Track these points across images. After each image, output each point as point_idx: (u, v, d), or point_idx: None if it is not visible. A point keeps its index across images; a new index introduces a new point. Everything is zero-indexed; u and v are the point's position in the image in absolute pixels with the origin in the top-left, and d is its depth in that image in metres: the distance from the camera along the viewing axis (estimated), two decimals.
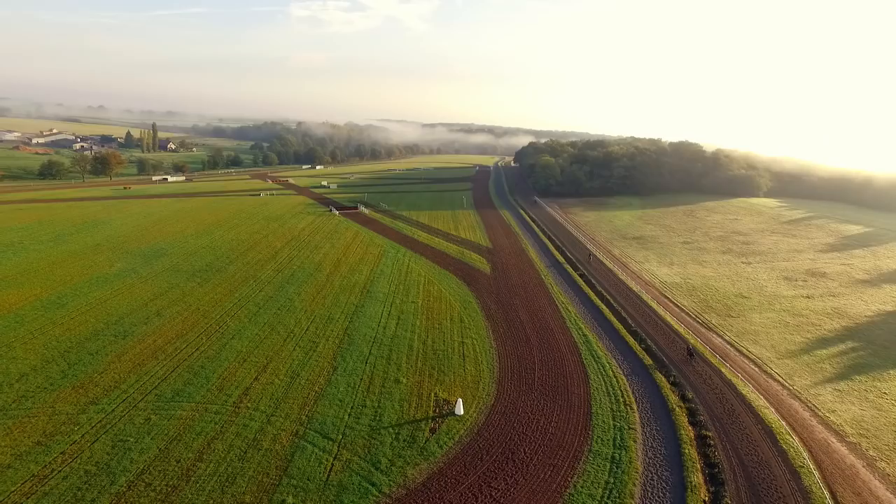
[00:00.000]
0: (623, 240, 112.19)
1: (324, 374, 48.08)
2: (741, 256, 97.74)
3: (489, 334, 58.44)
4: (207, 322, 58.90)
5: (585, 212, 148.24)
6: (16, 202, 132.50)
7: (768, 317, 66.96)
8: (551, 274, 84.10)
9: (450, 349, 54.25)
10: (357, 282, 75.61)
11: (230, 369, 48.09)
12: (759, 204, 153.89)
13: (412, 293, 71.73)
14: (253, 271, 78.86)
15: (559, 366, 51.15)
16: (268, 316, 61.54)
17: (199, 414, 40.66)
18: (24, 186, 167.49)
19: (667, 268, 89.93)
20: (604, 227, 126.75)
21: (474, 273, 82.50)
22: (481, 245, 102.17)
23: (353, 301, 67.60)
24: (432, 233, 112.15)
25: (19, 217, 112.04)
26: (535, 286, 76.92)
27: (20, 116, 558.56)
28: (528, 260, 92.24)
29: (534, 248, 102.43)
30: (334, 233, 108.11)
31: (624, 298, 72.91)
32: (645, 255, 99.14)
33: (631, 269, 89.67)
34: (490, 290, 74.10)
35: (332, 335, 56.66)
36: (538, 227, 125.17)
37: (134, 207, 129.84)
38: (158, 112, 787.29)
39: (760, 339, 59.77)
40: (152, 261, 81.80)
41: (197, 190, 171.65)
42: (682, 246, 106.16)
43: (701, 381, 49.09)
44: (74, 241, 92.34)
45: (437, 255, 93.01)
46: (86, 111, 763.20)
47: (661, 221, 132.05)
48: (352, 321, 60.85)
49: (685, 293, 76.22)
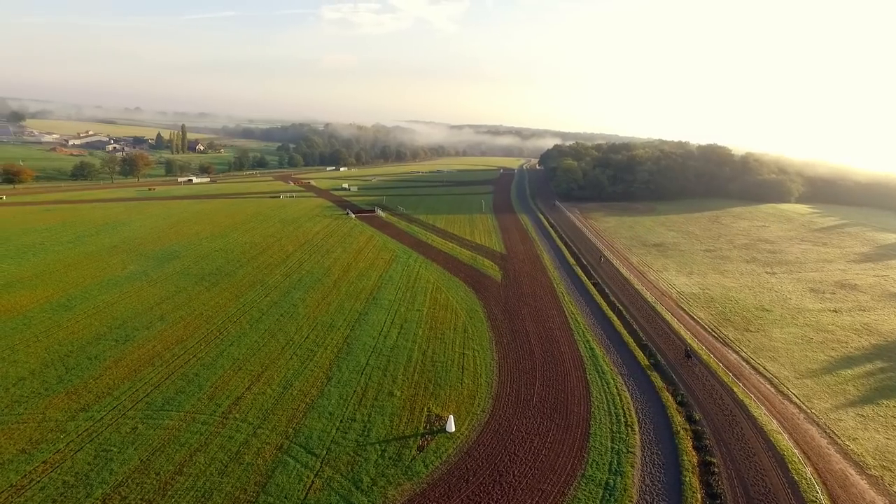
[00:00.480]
0: (642, 247, 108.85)
1: (317, 384, 47.21)
2: (766, 266, 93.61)
3: (492, 346, 56.78)
4: (209, 327, 58.80)
5: (606, 217, 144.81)
6: (45, 203, 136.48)
7: (790, 332, 63.50)
8: (564, 282, 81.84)
9: (449, 361, 52.81)
10: (364, 288, 74.81)
11: (224, 377, 47.65)
12: (790, 210, 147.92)
13: (418, 301, 70.52)
14: (261, 276, 78.87)
15: (561, 381, 49.19)
16: (270, 322, 61.15)
17: (186, 424, 40.18)
18: (56, 187, 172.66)
19: (685, 277, 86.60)
20: (624, 233, 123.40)
21: (484, 280, 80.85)
22: (495, 251, 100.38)
23: (357, 308, 66.76)
24: (447, 238, 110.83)
25: (45, 218, 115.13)
26: (546, 295, 74.83)
27: (61, 118, 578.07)
28: (541, 267, 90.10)
29: (549, 254, 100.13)
30: (348, 237, 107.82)
31: (637, 309, 70.26)
32: (664, 263, 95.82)
33: (648, 277, 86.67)
34: (498, 299, 72.37)
35: (331, 344, 55.85)
36: (556, 232, 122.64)
37: (155, 209, 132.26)
38: (191, 113, 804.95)
39: (779, 357, 56.57)
40: (164, 263, 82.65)
41: (219, 191, 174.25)
42: (704, 254, 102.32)
43: (710, 402, 46.49)
44: (93, 242, 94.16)
45: (449, 260, 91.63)
46: (122, 113, 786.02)
47: (683, 228, 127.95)
48: (353, 329, 59.95)
49: (702, 305, 73.06)
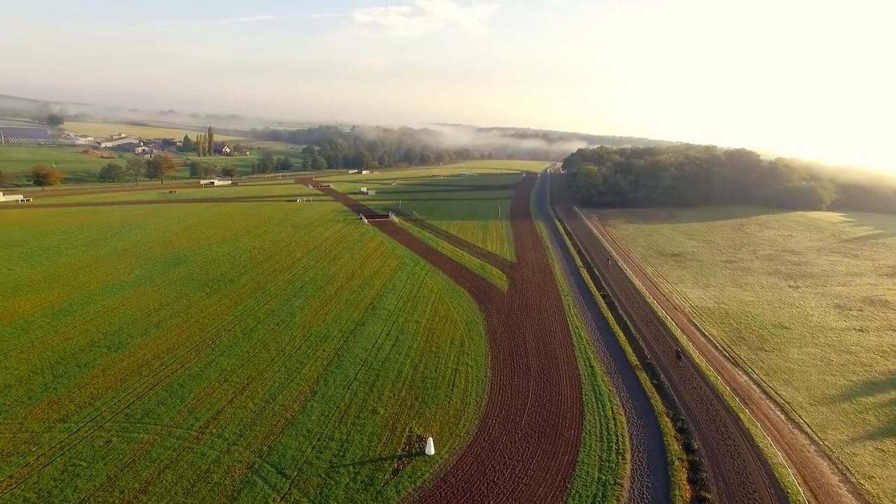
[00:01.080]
0: (659, 256, 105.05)
1: (301, 399, 46.02)
2: (789, 279, 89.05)
3: (487, 361, 54.76)
4: (203, 336, 58.32)
5: (625, 224, 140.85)
6: (69, 205, 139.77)
7: (808, 352, 59.69)
8: (572, 293, 79.20)
9: (440, 377, 51.03)
10: (365, 297, 73.60)
11: (209, 389, 46.87)
12: (820, 219, 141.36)
13: (418, 311, 68.93)
14: (264, 282, 78.45)
15: (555, 402, 46.91)
16: (264, 332, 60.38)
17: (161, 438, 39.39)
18: (82, 189, 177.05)
19: (701, 290, 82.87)
20: (642, 241, 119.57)
21: (490, 290, 78.78)
22: (505, 260, 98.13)
23: (354, 318, 65.53)
24: (458, 245, 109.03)
25: (66, 220, 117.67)
26: (551, 307, 72.37)
27: (98, 121, 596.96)
28: (550, 277, 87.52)
29: (560, 263, 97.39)
30: (357, 242, 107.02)
31: (645, 325, 67.23)
32: (680, 274, 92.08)
33: (661, 290, 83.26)
34: (501, 311, 70.25)
35: (322, 356, 54.68)
36: (571, 240, 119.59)
37: (172, 212, 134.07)
38: (222, 115, 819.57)
39: (794, 380, 53.04)
40: (170, 268, 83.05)
41: (238, 194, 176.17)
42: (724, 265, 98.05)
43: (712, 429, 43.58)
44: (106, 245, 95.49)
45: (457, 269, 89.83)
46: (156, 115, 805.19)
47: (705, 236, 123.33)
48: (347, 341, 58.70)
49: (716, 321, 69.52)
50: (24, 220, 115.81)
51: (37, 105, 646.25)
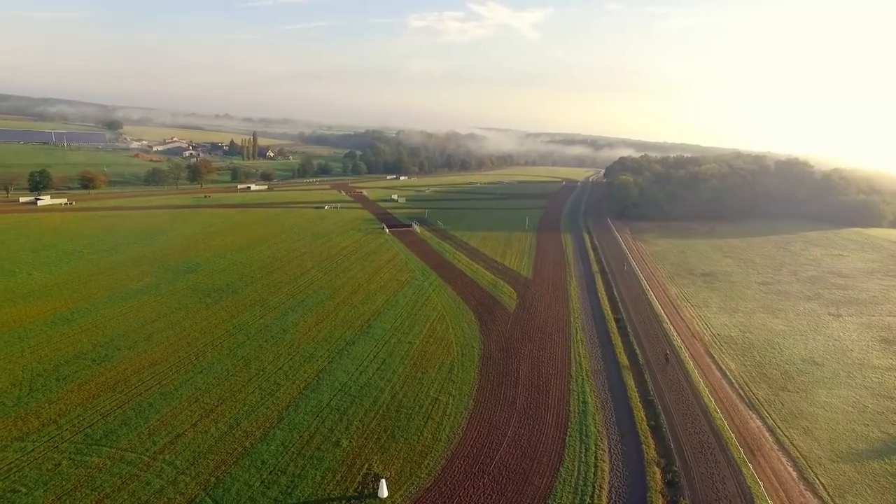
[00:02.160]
0: (688, 276, 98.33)
1: (266, 425, 44.11)
2: (830, 305, 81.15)
3: (472, 391, 51.41)
4: (189, 351, 57.56)
5: (658, 239, 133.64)
6: (105, 209, 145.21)
7: (840, 395, 53.24)
8: (584, 315, 74.59)
9: (417, 407, 48.09)
10: (363, 313, 71.51)
11: (176, 410, 45.66)
12: (878, 236, 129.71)
13: (415, 331, 66.22)
14: (267, 294, 77.69)
15: (534, 442, 43.10)
16: (251, 348, 59.13)
17: (111, 463, 38.19)
18: (123, 193, 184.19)
19: (727, 316, 76.40)
20: (672, 258, 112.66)
21: (496, 310, 75.22)
22: (520, 276, 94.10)
23: (347, 337, 63.47)
24: (475, 258, 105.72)
25: (97, 224, 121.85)
26: (557, 331, 68.12)
27: (157, 125, 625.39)
28: (564, 296, 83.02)
29: (578, 281, 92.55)
30: (372, 253, 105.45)
31: (656, 356, 61.98)
32: (707, 297, 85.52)
33: (683, 314, 77.34)
34: (502, 333, 66.60)
35: (301, 377, 52.76)
36: (596, 255, 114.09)
37: (199, 217, 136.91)
38: (275, 119, 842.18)
39: (816, 428, 47.08)
40: (180, 277, 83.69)
41: (269, 200, 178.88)
42: (758, 287, 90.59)
43: (708, 485, 38.72)
44: (125, 251, 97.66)
45: (467, 285, 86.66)
46: (213, 120, 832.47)
47: (742, 254, 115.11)
48: (332, 362, 56.63)
49: (737, 352, 63.46)
50: (60, 224, 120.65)
51: (105, 110, 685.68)
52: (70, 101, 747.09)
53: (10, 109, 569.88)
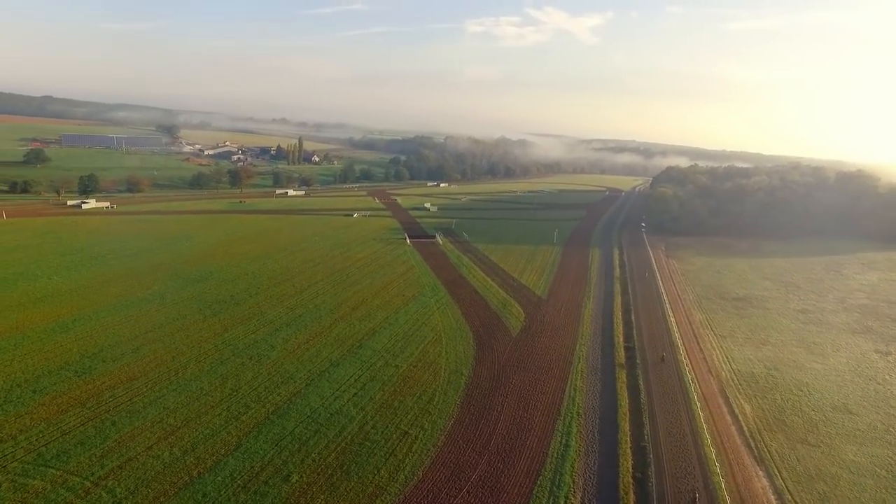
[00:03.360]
0: (718, 300, 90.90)
1: (221, 452, 42.42)
2: (880, 341, 72.61)
3: (447, 425, 48.07)
4: (172, 365, 56.99)
5: (695, 256, 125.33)
6: (143, 213, 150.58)
7: (873, 454, 46.52)
8: (591, 342, 69.64)
9: (384, 440, 45.26)
10: (358, 331, 69.39)
11: (136, 430, 44.72)
12: None
13: (406, 353, 63.44)
14: (267, 307, 76.91)
15: (497, 491, 39.36)
16: (233, 365, 57.99)
17: (51, 487, 37.36)
18: (164, 196, 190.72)
19: (753, 348, 69.47)
20: (705, 279, 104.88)
21: (498, 333, 71.43)
22: (534, 295, 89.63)
23: (333, 357, 61.46)
24: (491, 273, 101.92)
25: (128, 229, 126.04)
26: (558, 359, 63.66)
27: (215, 129, 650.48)
28: (575, 320, 78.13)
29: (596, 302, 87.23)
30: (387, 266, 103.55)
31: (662, 392, 56.60)
32: (734, 325, 78.44)
33: (703, 344, 70.96)
34: (498, 359, 62.82)
35: (273, 400, 51.00)
36: (622, 273, 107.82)
37: (228, 223, 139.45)
38: (329, 124, 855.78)
39: (835, 495, 40.95)
40: (188, 286, 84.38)
41: (301, 206, 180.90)
42: (795, 316, 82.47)
43: None
44: (146, 257, 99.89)
45: (475, 303, 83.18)
46: (269, 124, 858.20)
47: (785, 276, 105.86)
48: (310, 384, 54.67)
49: (756, 393, 57.09)
50: (95, 227, 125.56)
51: (168, 114, 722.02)
52: (139, 105, 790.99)
53: (84, 115, 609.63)
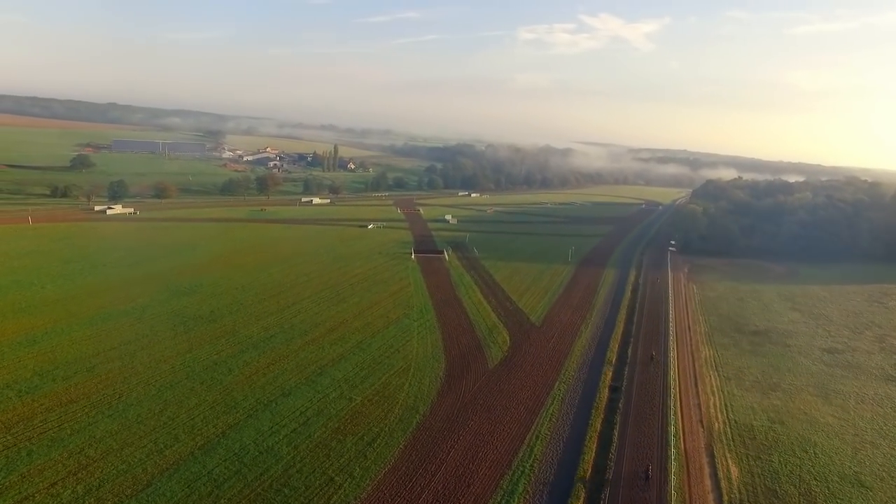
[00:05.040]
0: (733, 333, 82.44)
1: (125, 493, 39.41)
2: None
3: (380, 473, 43.59)
4: (119, 387, 55.00)
5: (719, 280, 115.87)
6: (163, 220, 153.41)
7: None
8: (572, 380, 63.50)
9: (304, 487, 41.24)
10: (325, 357, 65.89)
11: (49, 462, 42.43)
12: None
13: (366, 384, 59.40)
14: (243, 325, 74.57)
15: None
16: (181, 390, 55.50)
17: None
18: (190, 203, 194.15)
19: (759, 394, 61.58)
20: (725, 307, 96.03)
21: (474, 364, 66.33)
22: (528, 321, 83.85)
23: (288, 385, 58.09)
24: (490, 295, 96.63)
25: (142, 236, 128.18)
26: (529, 399, 58.06)
27: (261, 135, 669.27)
28: (563, 351, 72.07)
29: (593, 332, 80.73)
30: (381, 283, 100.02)
31: (637, 445, 50.14)
32: (745, 364, 70.35)
33: (702, 387, 63.59)
34: (462, 396, 57.84)
35: (205, 433, 47.97)
36: (633, 298, 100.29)
37: (239, 232, 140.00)
38: (376, 130, 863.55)
39: None
40: (172, 299, 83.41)
41: (321, 216, 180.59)
42: (820, 356, 73.42)
43: None
44: (145, 267, 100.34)
45: (460, 329, 78.35)
46: (317, 130, 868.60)
47: (818, 307, 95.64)
48: (251, 415, 51.47)
49: (750, 452, 49.77)
50: (111, 233, 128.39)
51: (218, 120, 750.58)
52: (193, 111, 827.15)
53: (139, 121, 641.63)
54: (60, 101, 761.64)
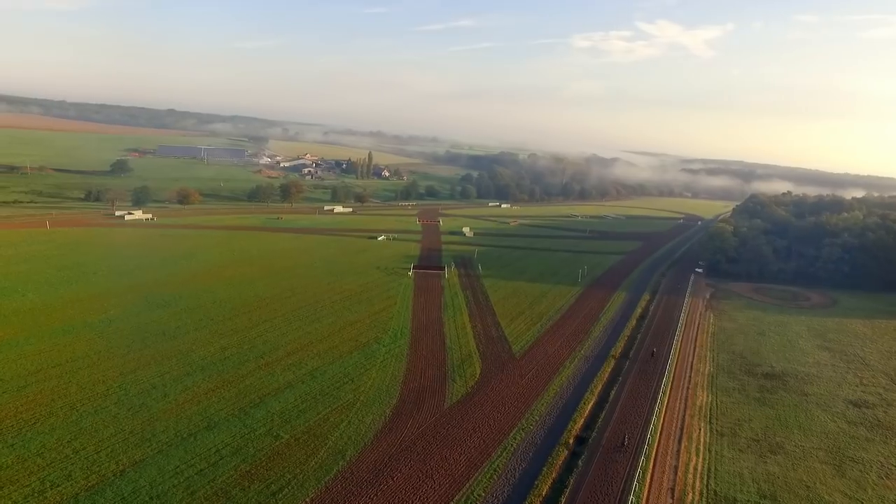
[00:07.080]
0: (742, 375, 72.62)
1: None
2: None
3: None
4: (40, 411, 52.16)
5: (742, 309, 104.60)
6: (176, 226, 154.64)
7: None
8: (537, 429, 56.22)
9: None
10: (270, 385, 61.26)
11: None
12: None
13: (304, 418, 54.49)
14: (201, 345, 71.14)
15: None
16: (103, 416, 52.06)
17: None
18: (209, 209, 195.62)
19: (755, 457, 52.52)
20: (740, 342, 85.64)
21: (430, 401, 60.16)
22: (509, 351, 76.72)
23: (217, 416, 53.85)
24: (477, 319, 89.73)
25: (145, 243, 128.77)
26: (476, 448, 51.47)
27: (307, 142, 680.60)
28: (536, 390, 64.72)
29: (577, 367, 72.94)
30: (366, 301, 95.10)
31: None
32: (746, 416, 60.94)
33: (686, 442, 55.00)
34: (401, 441, 51.92)
35: (104, 469, 44.06)
36: (637, 327, 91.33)
37: (244, 241, 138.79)
38: (422, 137, 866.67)
39: None
40: (144, 313, 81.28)
41: (335, 225, 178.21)
42: (844, 409, 63.02)
43: None
44: (130, 277, 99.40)
45: (430, 358, 72.31)
46: (364, 137, 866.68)
47: (853, 346, 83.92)
48: (162, 451, 47.27)
49: None
50: (118, 240, 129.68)
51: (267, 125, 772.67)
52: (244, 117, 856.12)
53: (190, 126, 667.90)
54: (124, 108, 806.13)
